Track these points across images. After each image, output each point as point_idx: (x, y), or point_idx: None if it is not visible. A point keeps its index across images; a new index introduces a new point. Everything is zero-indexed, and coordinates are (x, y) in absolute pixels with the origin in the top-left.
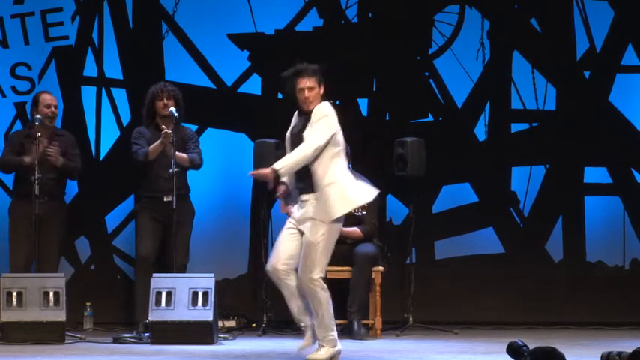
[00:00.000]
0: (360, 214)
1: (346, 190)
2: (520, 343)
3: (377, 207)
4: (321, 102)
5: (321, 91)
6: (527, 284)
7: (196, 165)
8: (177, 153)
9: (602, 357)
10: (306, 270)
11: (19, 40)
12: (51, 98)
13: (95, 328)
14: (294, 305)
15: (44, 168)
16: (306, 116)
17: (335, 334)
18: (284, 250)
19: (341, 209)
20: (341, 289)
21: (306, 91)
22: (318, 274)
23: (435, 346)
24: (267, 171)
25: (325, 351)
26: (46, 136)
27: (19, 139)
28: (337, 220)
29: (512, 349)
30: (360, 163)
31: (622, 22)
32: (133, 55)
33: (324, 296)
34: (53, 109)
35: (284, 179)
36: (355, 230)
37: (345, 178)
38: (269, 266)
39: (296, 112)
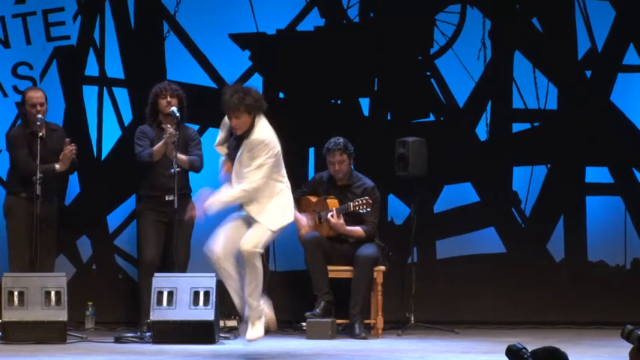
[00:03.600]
0: (365, 210)
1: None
2: (519, 345)
3: (379, 207)
4: (256, 122)
5: (249, 119)
6: (529, 284)
7: (196, 168)
8: (178, 155)
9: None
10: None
11: (20, 40)
12: (36, 97)
13: (97, 327)
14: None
15: (44, 167)
16: (241, 136)
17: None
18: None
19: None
20: (342, 289)
21: (233, 121)
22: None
23: (436, 346)
24: (199, 212)
25: (259, 326)
26: (44, 134)
27: (25, 137)
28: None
29: (511, 352)
30: (362, 163)
31: (623, 21)
32: (135, 54)
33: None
34: (39, 107)
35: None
36: (357, 230)
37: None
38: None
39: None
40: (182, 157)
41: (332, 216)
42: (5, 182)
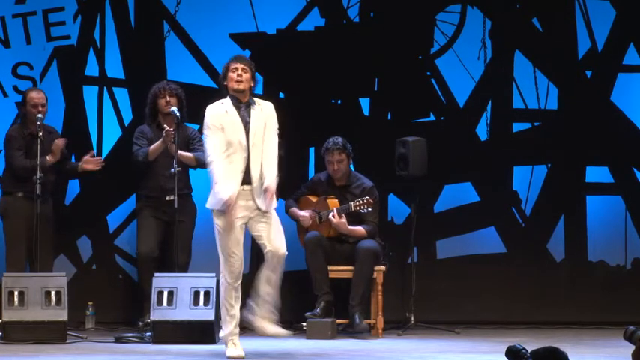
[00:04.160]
0: (366, 210)
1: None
2: (519, 346)
3: (378, 207)
4: (252, 91)
5: (252, 83)
6: (529, 284)
7: (202, 163)
8: (181, 152)
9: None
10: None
11: (20, 40)
12: (38, 97)
13: (97, 327)
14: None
15: (44, 168)
16: (245, 104)
17: None
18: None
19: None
20: (342, 289)
21: (239, 70)
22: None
23: (436, 346)
24: (273, 191)
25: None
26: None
27: (23, 138)
28: None
29: (511, 352)
30: (362, 163)
31: (623, 21)
32: (135, 54)
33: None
34: (40, 108)
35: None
36: (359, 229)
37: None
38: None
39: (221, 103)
40: (186, 154)
41: (333, 216)
42: (1, 182)
